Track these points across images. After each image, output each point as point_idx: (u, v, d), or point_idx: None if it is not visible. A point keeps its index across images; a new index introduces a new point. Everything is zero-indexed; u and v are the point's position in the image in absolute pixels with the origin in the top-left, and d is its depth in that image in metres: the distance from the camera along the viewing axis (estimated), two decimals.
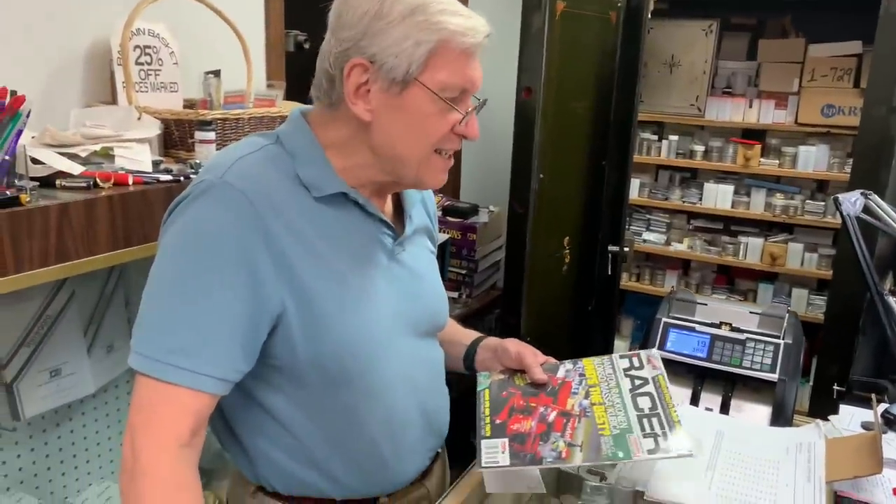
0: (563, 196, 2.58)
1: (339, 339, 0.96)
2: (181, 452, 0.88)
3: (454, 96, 0.95)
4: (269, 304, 0.92)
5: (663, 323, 1.39)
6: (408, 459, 1.10)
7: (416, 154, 0.97)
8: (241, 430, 1.03)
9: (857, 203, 1.52)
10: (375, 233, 1.03)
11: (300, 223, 0.94)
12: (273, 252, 0.91)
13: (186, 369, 0.87)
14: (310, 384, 0.98)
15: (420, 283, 1.10)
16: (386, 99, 0.93)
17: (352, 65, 0.92)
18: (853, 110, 3.09)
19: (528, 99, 2.18)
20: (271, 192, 0.93)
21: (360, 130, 0.97)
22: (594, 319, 2.93)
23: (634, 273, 3.76)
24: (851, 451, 1.10)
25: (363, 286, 0.99)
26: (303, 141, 0.99)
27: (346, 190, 0.98)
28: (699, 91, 3.47)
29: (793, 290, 3.40)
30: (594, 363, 1.18)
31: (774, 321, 1.37)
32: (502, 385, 1.18)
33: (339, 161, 0.99)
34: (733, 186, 3.48)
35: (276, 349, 0.95)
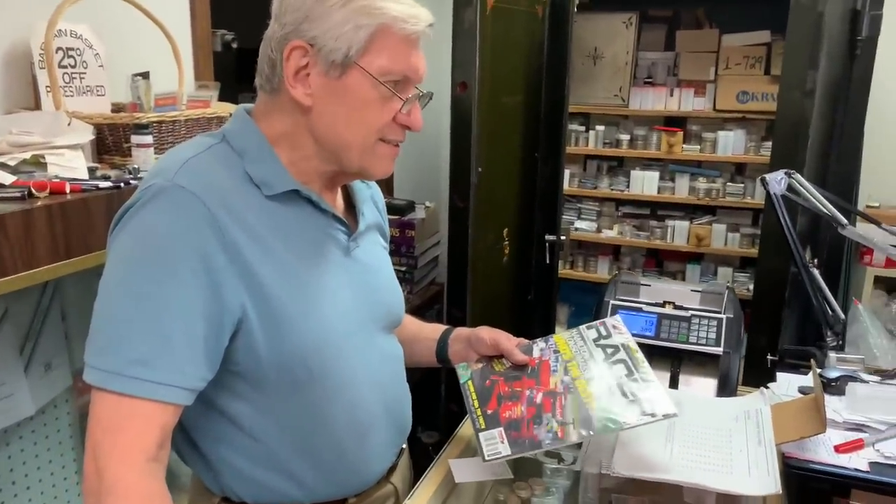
0: (500, 189, 2.62)
1: (301, 340, 0.95)
2: (149, 467, 0.85)
3: (395, 82, 0.94)
4: (229, 309, 0.90)
5: (611, 305, 1.43)
6: (375, 457, 1.10)
7: (358, 141, 0.96)
8: (201, 439, 1.00)
9: (782, 182, 1.60)
10: (329, 229, 1.02)
11: (255, 223, 0.92)
12: (230, 254, 0.89)
13: (149, 381, 0.84)
14: (273, 388, 0.96)
15: (376, 278, 1.09)
16: (326, 83, 0.93)
17: (291, 47, 0.91)
18: (765, 96, 3.26)
19: (464, 93, 2.20)
20: (224, 193, 0.91)
21: (301, 118, 0.96)
22: (534, 308, 2.99)
23: (569, 261, 3.86)
24: (795, 415, 1.16)
25: (321, 284, 0.98)
26: (250, 138, 0.97)
27: (297, 187, 0.97)
28: (622, 82, 3.58)
29: (718, 268, 3.57)
30: (564, 338, 1.21)
31: (715, 298, 1.44)
32: (483, 374, 1.19)
33: (286, 155, 0.98)
34: (658, 173, 3.61)
35: (238, 354, 0.93)
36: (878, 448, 1.17)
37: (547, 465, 1.26)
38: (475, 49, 2.18)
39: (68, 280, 1.46)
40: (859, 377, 1.42)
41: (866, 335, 2.73)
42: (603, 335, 1.19)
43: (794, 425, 1.13)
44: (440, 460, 1.23)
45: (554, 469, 1.25)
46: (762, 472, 1.04)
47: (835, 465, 1.14)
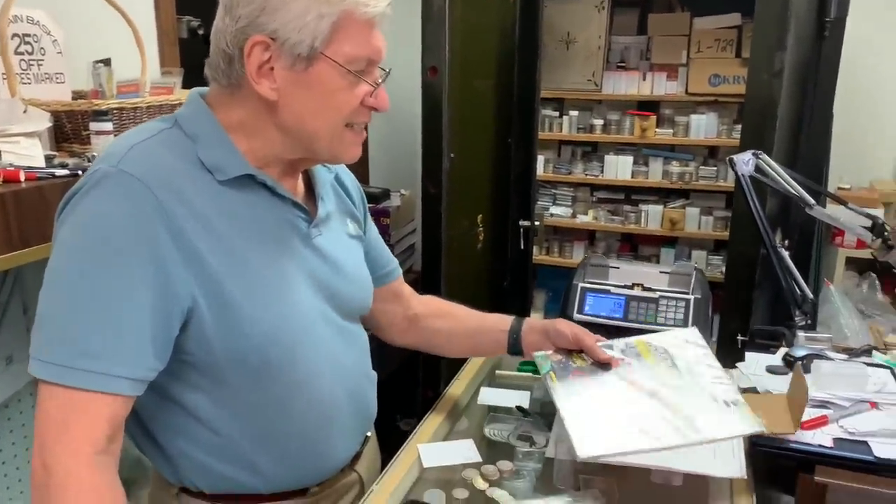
0: (473, 175, 2.61)
1: (256, 331, 0.93)
2: (99, 460, 0.83)
3: (361, 68, 0.93)
4: (178, 297, 0.88)
5: (580, 288, 1.44)
6: (338, 446, 1.09)
7: (327, 129, 0.95)
8: (157, 430, 0.99)
9: (749, 163, 1.61)
10: (288, 216, 1.00)
11: (206, 210, 0.90)
12: (178, 242, 0.87)
13: (97, 372, 0.83)
14: (229, 379, 0.94)
15: (338, 268, 1.07)
16: (292, 76, 0.90)
17: (252, 43, 0.89)
18: (737, 79, 3.27)
19: (434, 78, 2.18)
20: (172, 179, 0.88)
21: (265, 110, 0.94)
22: (510, 294, 2.99)
23: (544, 247, 3.86)
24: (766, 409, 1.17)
25: (277, 273, 0.96)
26: (203, 123, 0.95)
27: (252, 172, 0.95)
28: (595, 66, 3.58)
29: (692, 252, 3.59)
30: (644, 341, 1.21)
31: (683, 279, 1.44)
32: (566, 367, 1.18)
33: (244, 142, 0.95)
34: (632, 157, 3.62)
35: (189, 344, 0.91)
36: (841, 424, 1.19)
37: (519, 448, 1.26)
38: (445, 33, 2.16)
39: (28, 272, 1.43)
40: (826, 355, 1.43)
41: (837, 315, 2.77)
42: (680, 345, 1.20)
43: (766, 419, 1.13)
44: (409, 446, 1.22)
45: (525, 452, 1.25)
46: (727, 453, 1.05)
47: (799, 441, 1.15)
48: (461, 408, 1.42)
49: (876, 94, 3.08)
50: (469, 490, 1.12)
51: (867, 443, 1.14)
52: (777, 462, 1.23)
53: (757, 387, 1.33)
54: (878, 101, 3.09)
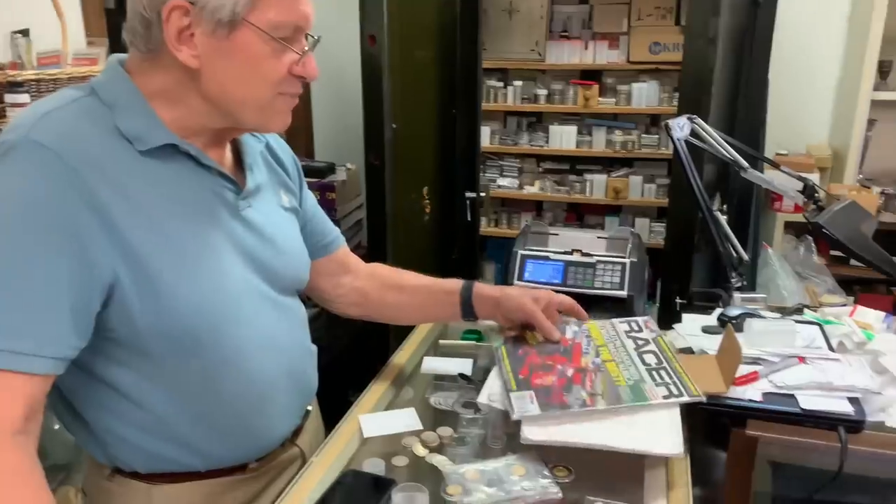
0: (417, 146, 2.59)
1: (184, 307, 0.90)
2: (15, 440, 0.81)
3: (287, 35, 0.90)
4: (98, 273, 0.85)
5: (520, 255, 1.44)
6: (276, 422, 1.08)
7: (253, 98, 0.92)
8: (85, 410, 0.96)
9: (684, 127, 1.63)
10: (215, 187, 0.97)
11: (126, 181, 0.87)
12: (97, 215, 0.84)
13: (13, 351, 0.80)
14: (157, 355, 0.92)
15: (270, 240, 1.05)
16: (213, 43, 0.87)
17: (170, 7, 0.85)
18: (676, 46, 3.31)
19: (373, 47, 2.15)
20: (88, 148, 0.85)
21: (187, 77, 0.90)
22: (458, 266, 3.00)
23: (492, 219, 3.88)
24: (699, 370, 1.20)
25: (204, 246, 0.94)
26: (121, 90, 0.90)
27: (175, 141, 0.91)
28: (538, 36, 3.57)
29: (636, 220, 3.65)
30: (597, 325, 1.28)
31: (620, 243, 1.46)
32: (517, 344, 1.25)
33: (166, 110, 0.91)
34: (576, 127, 3.64)
35: (113, 320, 0.88)
36: (771, 379, 1.22)
37: (463, 415, 1.26)
38: (382, 0, 2.13)
39: None
40: (759, 315, 1.47)
41: (776, 278, 2.85)
42: (634, 329, 1.27)
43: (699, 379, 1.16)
44: (350, 416, 1.22)
45: (469, 419, 1.26)
46: (666, 427, 1.06)
47: (732, 397, 1.18)
48: (405, 378, 1.42)
49: (810, 61, 3.15)
50: (409, 457, 1.12)
51: (794, 396, 1.18)
52: (711, 419, 1.27)
53: (692, 346, 1.36)
54: (812, 68, 3.16)
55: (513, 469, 1.05)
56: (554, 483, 1.02)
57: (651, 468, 1.09)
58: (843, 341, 1.38)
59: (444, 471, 1.06)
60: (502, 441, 1.16)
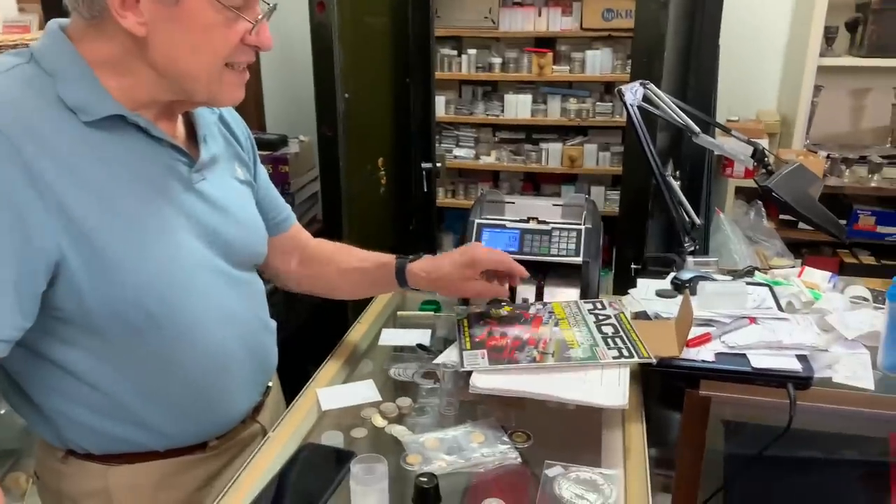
0: (371, 116, 2.55)
1: (135, 283, 0.88)
2: None
3: (238, 4, 0.86)
4: (41, 250, 0.81)
5: (476, 224, 1.43)
6: (236, 398, 1.06)
7: (203, 69, 0.88)
8: (33, 391, 0.93)
9: (637, 93, 1.63)
10: (167, 160, 0.93)
11: (70, 154, 0.83)
12: (39, 191, 0.80)
13: None
14: (109, 334, 0.89)
15: (226, 213, 1.02)
16: (160, 10, 0.83)
17: None
18: (629, 13, 3.31)
19: (322, 14, 2.09)
20: (29, 119, 0.81)
21: (134, 46, 0.85)
22: (416, 237, 2.98)
23: (450, 190, 3.87)
24: (655, 335, 1.22)
25: (156, 220, 0.91)
26: (63, 57, 0.86)
27: (122, 112, 0.87)
28: (492, 3, 3.54)
29: (591, 188, 3.68)
30: (561, 304, 1.32)
31: (575, 210, 1.46)
32: (480, 316, 1.29)
33: (113, 80, 0.87)
34: (531, 96, 3.64)
35: (60, 300, 0.85)
36: (723, 340, 1.25)
37: (422, 386, 1.26)
38: None
39: None
40: (711, 277, 1.50)
41: (728, 242, 2.91)
42: (598, 308, 1.30)
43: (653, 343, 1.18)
44: (307, 390, 1.20)
45: (429, 389, 1.26)
46: (613, 382, 1.09)
47: (685, 359, 1.20)
48: (363, 350, 1.41)
49: (759, 28, 3.19)
50: (368, 429, 1.11)
51: (746, 355, 1.21)
52: (666, 381, 1.30)
53: (647, 310, 1.37)
54: (761, 34, 3.20)
55: (472, 436, 1.05)
56: (513, 448, 1.03)
57: (608, 430, 1.10)
58: (791, 301, 1.41)
59: (404, 440, 1.06)
60: (455, 407, 1.18)
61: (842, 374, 1.21)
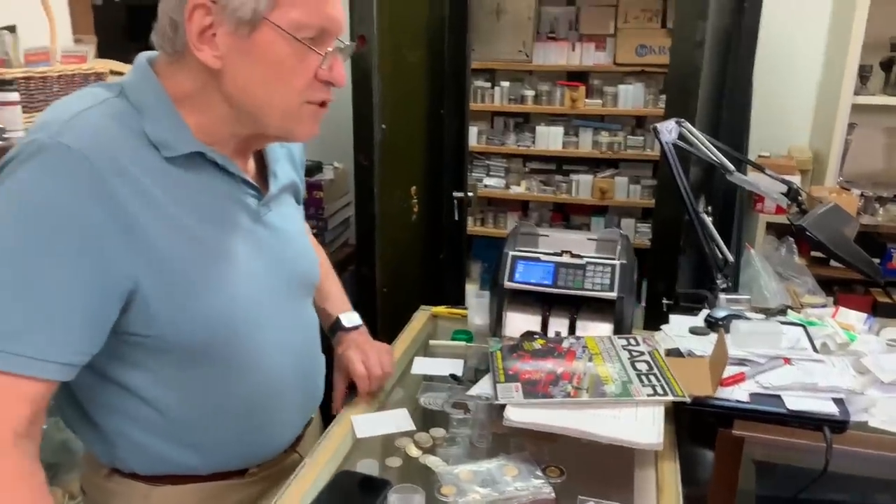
0: (406, 146, 2.60)
1: (206, 312, 0.91)
2: (19, 443, 0.81)
3: (312, 37, 0.87)
4: (118, 281, 0.84)
5: (510, 256, 1.45)
6: (282, 427, 1.08)
7: (278, 103, 0.89)
8: (94, 410, 0.96)
9: (672, 131, 1.65)
10: (238, 194, 0.96)
11: (151, 188, 0.86)
12: (121, 222, 0.83)
13: (21, 355, 0.79)
14: (175, 358, 0.92)
15: (288, 244, 1.05)
16: (235, 43, 0.85)
17: (192, 6, 0.84)
18: (662, 49, 3.35)
19: (363, 48, 2.15)
20: (116, 154, 0.83)
21: (211, 80, 0.89)
22: (445, 265, 3.01)
23: (479, 218, 3.90)
24: (689, 373, 1.22)
25: (226, 252, 0.93)
26: (150, 94, 0.89)
27: (202, 149, 0.90)
28: (526, 37, 3.59)
29: (621, 220, 3.69)
30: (595, 339, 1.33)
31: (609, 245, 1.47)
32: (513, 349, 1.31)
33: (194, 117, 0.90)
34: (563, 128, 3.67)
35: (131, 325, 0.88)
36: (757, 380, 1.24)
37: (453, 416, 1.27)
38: (373, 2, 2.13)
39: None
40: (744, 316, 1.50)
41: (758, 278, 2.88)
42: (632, 344, 1.31)
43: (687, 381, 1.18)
44: (342, 417, 1.22)
45: (459, 420, 1.27)
46: (647, 420, 1.09)
47: (719, 398, 1.20)
48: (395, 378, 1.42)
49: (793, 64, 3.19)
50: (402, 458, 1.13)
51: (780, 396, 1.20)
52: (699, 419, 1.29)
53: (680, 347, 1.37)
54: (794, 71, 3.20)
55: (505, 469, 1.06)
56: (546, 483, 1.04)
57: (641, 467, 1.11)
58: (826, 342, 1.41)
59: (438, 471, 1.07)
60: (487, 440, 1.18)
61: (878, 418, 1.20)
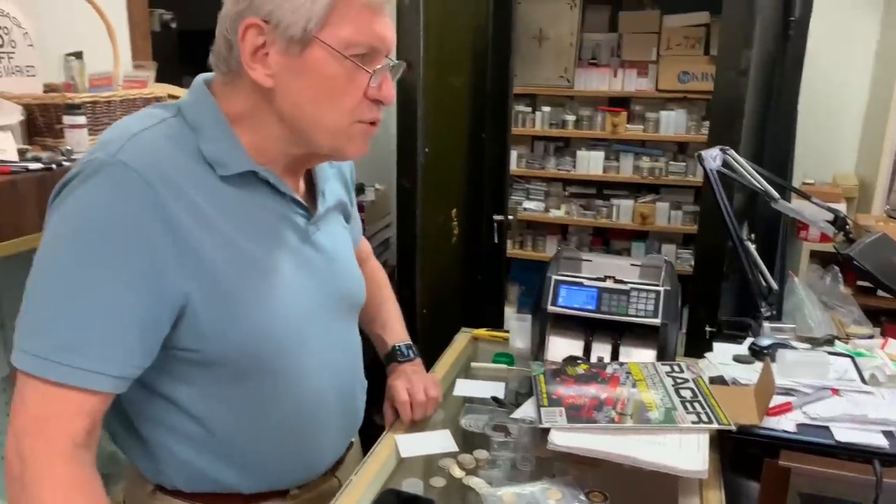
0: (448, 169, 2.63)
1: (254, 328, 0.92)
2: (77, 453, 0.83)
3: (361, 54, 0.88)
4: (170, 295, 0.86)
5: (554, 280, 1.46)
6: (324, 449, 1.09)
7: (328, 122, 0.91)
8: (143, 425, 0.97)
9: (717, 158, 1.65)
10: (287, 213, 0.98)
11: (205, 206, 0.88)
12: (175, 239, 0.85)
13: (80, 368, 0.82)
14: (223, 374, 0.94)
15: (335, 263, 1.06)
16: (286, 62, 0.87)
17: (245, 26, 0.86)
18: (705, 76, 3.34)
19: (409, 74, 2.20)
20: (172, 173, 0.86)
21: (264, 99, 0.91)
22: (484, 288, 3.02)
23: (518, 241, 3.90)
24: (734, 401, 1.21)
25: (276, 271, 0.95)
26: (206, 113, 0.92)
27: (255, 168, 0.92)
28: (567, 63, 3.62)
29: (662, 246, 3.66)
30: (638, 365, 1.33)
31: (653, 271, 1.47)
32: (556, 373, 1.31)
33: (248, 136, 0.93)
34: (603, 153, 3.67)
35: (181, 340, 0.90)
36: (804, 410, 1.23)
37: (494, 438, 1.28)
38: (419, 28, 2.18)
39: (2, 266, 1.41)
40: (790, 345, 1.48)
41: (802, 307, 2.83)
42: (676, 371, 1.31)
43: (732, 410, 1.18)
44: (387, 437, 1.24)
45: (500, 443, 1.27)
46: (692, 447, 1.09)
47: (764, 427, 1.18)
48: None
49: (839, 90, 3.16)
50: (446, 479, 1.14)
51: (829, 428, 1.19)
52: (744, 449, 1.28)
53: (724, 375, 1.36)
54: (840, 98, 3.17)
55: (549, 493, 1.07)
56: None
57: (685, 495, 1.10)
58: (875, 374, 1.38)
59: (482, 493, 1.08)
60: (531, 463, 1.19)
61: None
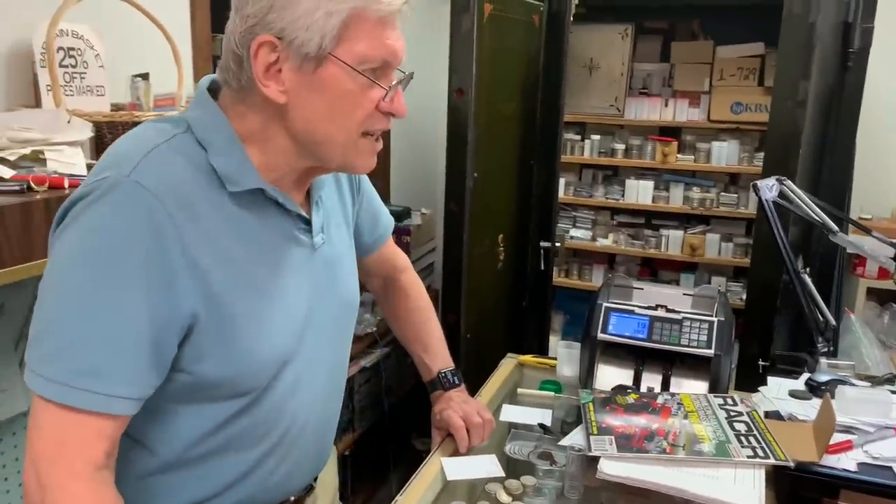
0: (495, 195, 2.64)
1: (250, 352, 0.90)
2: (98, 475, 0.82)
3: (375, 69, 0.87)
4: (180, 314, 0.84)
5: (604, 308, 1.44)
6: (295, 472, 1.05)
7: (340, 137, 0.89)
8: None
9: (773, 189, 1.62)
10: (292, 230, 0.97)
11: (215, 227, 0.87)
12: (186, 259, 0.83)
13: (99, 393, 0.79)
14: (216, 395, 0.91)
15: (338, 270, 1.05)
16: (300, 78, 0.85)
17: (258, 43, 0.83)
18: (759, 107, 3.29)
19: (461, 100, 2.22)
20: (185, 193, 0.84)
21: (275, 115, 0.88)
22: (529, 314, 3.00)
23: (563, 269, 3.87)
24: (791, 437, 1.18)
25: (275, 295, 0.93)
26: (217, 131, 0.89)
27: (264, 186, 0.91)
28: (618, 92, 3.61)
29: (712, 278, 3.59)
30: (690, 397, 1.31)
31: (706, 301, 1.44)
32: (605, 401, 1.29)
33: (258, 152, 0.91)
34: (653, 182, 3.64)
35: (181, 362, 0.87)
36: (866, 449, 1.18)
37: (539, 466, 1.27)
38: (472, 56, 2.21)
39: None
40: (850, 382, 1.43)
41: (859, 345, 2.75)
42: (729, 404, 1.28)
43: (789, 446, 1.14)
44: (432, 459, 1.23)
45: (546, 470, 1.26)
46: (748, 481, 1.06)
47: (824, 465, 1.14)
48: None
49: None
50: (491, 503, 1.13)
51: (892, 468, 1.14)
52: (801, 486, 1.23)
53: (780, 410, 1.33)
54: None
55: None
56: None
57: None
58: None
59: None
60: (579, 492, 1.17)
61: None
